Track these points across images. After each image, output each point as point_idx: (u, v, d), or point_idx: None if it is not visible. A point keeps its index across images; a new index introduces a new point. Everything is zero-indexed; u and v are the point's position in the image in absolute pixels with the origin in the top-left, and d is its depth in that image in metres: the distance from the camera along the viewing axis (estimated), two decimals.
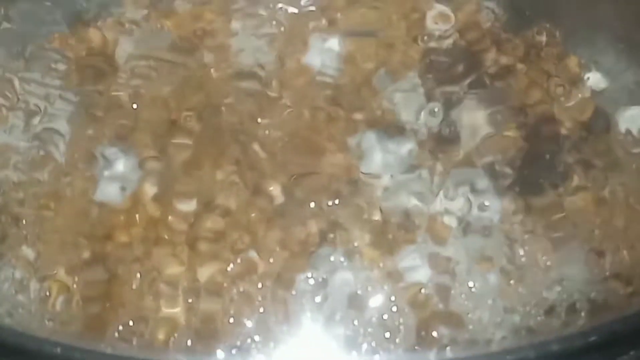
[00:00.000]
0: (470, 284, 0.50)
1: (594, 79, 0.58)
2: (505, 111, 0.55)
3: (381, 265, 0.50)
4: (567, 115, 0.56)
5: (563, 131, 0.55)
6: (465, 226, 0.52)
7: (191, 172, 0.53)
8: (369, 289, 0.49)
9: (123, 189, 0.52)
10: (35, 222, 0.51)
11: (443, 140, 0.54)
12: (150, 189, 0.52)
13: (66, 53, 0.57)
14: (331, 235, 0.51)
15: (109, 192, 0.52)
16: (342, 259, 0.50)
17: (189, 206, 0.51)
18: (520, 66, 0.56)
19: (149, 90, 0.55)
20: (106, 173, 0.52)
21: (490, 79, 0.56)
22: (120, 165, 0.52)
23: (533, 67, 0.56)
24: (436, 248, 0.51)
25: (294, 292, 0.49)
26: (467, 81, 0.56)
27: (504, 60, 0.57)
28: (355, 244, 0.51)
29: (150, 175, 0.52)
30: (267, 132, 0.54)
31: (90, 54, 0.57)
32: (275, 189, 0.52)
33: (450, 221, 0.52)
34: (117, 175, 0.52)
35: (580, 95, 0.57)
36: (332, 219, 0.51)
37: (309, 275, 0.50)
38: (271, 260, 0.50)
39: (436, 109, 0.55)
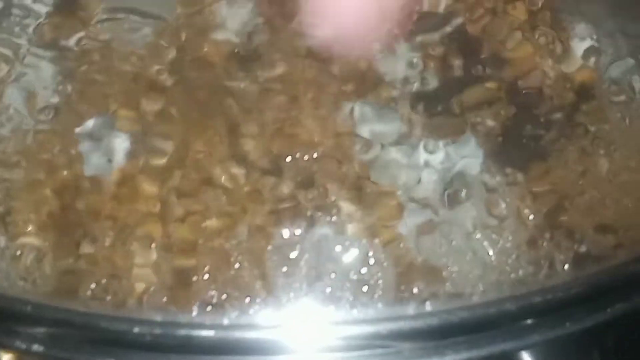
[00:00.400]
0: (451, 237, 0.49)
1: (580, 29, 0.56)
2: (487, 61, 0.54)
3: (359, 219, 0.49)
4: (551, 66, 0.54)
5: (547, 82, 0.54)
6: (446, 179, 0.51)
7: (165, 128, 0.51)
8: (347, 243, 0.49)
9: (96, 142, 0.51)
10: (5, 180, 0.50)
11: (422, 92, 0.53)
12: (122, 144, 0.51)
13: (34, 7, 0.55)
14: (308, 190, 0.50)
15: (83, 147, 0.51)
16: (319, 213, 0.49)
17: (162, 162, 0.50)
18: (501, 14, 0.55)
19: (120, 45, 0.54)
20: (77, 130, 0.51)
21: (472, 28, 0.55)
22: (91, 121, 0.51)
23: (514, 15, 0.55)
24: (415, 202, 0.50)
25: (270, 247, 0.48)
26: (448, 30, 0.55)
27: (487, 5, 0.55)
28: (333, 199, 0.50)
29: (122, 131, 0.51)
30: (242, 85, 0.53)
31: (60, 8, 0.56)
32: (251, 143, 0.51)
33: (431, 174, 0.51)
34: (89, 131, 0.51)
35: (564, 46, 0.55)
36: (309, 173, 0.50)
37: (285, 230, 0.49)
38: (247, 215, 0.49)
39: (415, 60, 0.54)
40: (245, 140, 0.51)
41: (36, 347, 0.46)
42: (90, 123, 0.51)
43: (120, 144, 0.50)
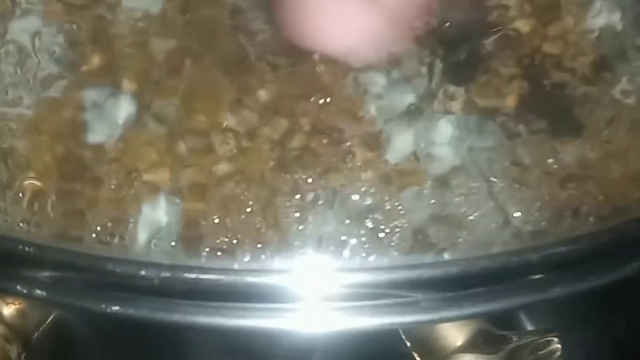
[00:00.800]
0: (472, 184, 0.47)
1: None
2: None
3: (375, 165, 0.47)
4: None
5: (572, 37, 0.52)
6: (466, 125, 0.49)
7: (173, 68, 0.49)
8: (362, 190, 0.47)
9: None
10: (7, 119, 0.48)
11: (443, 37, 0.51)
12: (129, 86, 0.49)
13: None
14: (322, 135, 0.48)
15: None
16: (333, 159, 0.47)
17: (170, 103, 0.48)
18: None
19: None
20: (84, 68, 0.49)
21: None
22: (96, 58, 0.49)
23: None
24: (434, 148, 0.48)
25: (282, 193, 0.46)
26: None
27: None
28: (348, 144, 0.48)
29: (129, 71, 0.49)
30: (255, 26, 0.50)
31: None
32: (262, 87, 0.49)
33: (450, 120, 0.49)
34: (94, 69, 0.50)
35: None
36: (323, 118, 0.48)
37: (299, 175, 0.47)
38: (258, 159, 0.47)
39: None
40: (258, 84, 0.49)
41: (38, 292, 0.44)
42: (95, 60, 0.49)
43: (128, 85, 0.49)
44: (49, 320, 0.53)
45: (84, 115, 0.49)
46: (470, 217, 0.46)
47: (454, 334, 0.49)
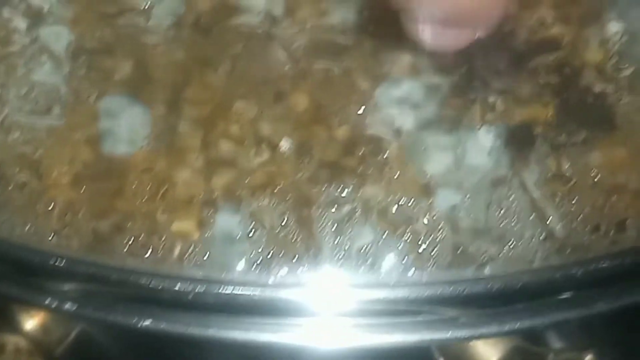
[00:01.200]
0: (511, 197, 0.46)
1: None
2: None
3: (413, 177, 0.46)
4: None
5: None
6: (506, 135, 0.47)
7: (205, 75, 0.48)
8: (401, 202, 0.46)
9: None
10: (37, 128, 0.47)
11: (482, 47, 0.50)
12: (161, 95, 0.48)
13: None
14: (359, 145, 0.47)
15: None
16: (370, 170, 0.46)
17: (202, 111, 0.47)
18: None
19: None
20: (116, 77, 0.48)
21: None
22: (127, 66, 0.49)
23: None
24: (473, 159, 0.47)
25: (318, 205, 0.45)
26: None
27: None
28: (385, 155, 0.47)
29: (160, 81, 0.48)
30: (288, 32, 0.49)
31: None
32: (298, 95, 0.48)
33: (490, 130, 0.47)
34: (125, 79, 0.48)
35: None
36: (360, 127, 0.47)
37: (335, 187, 0.46)
38: (293, 170, 0.46)
39: None
40: (291, 94, 0.48)
41: (68, 306, 0.43)
42: (125, 67, 0.48)
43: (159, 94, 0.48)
44: (73, 334, 0.52)
45: (114, 125, 0.48)
46: (511, 231, 0.45)
47: (489, 351, 0.48)
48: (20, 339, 0.50)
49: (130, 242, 0.44)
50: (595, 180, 0.46)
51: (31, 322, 0.50)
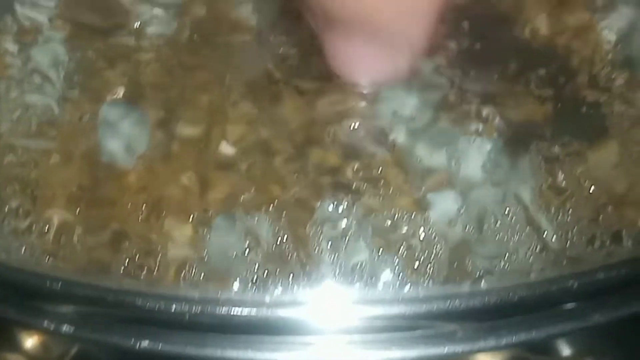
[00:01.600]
0: (506, 210, 0.46)
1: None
2: None
3: (408, 191, 0.46)
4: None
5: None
6: (500, 147, 0.47)
7: (198, 94, 0.48)
8: (395, 217, 0.46)
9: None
10: (32, 151, 0.47)
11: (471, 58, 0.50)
12: (155, 114, 0.48)
13: None
14: (353, 160, 0.47)
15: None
16: (364, 185, 0.46)
17: (196, 131, 0.47)
18: None
19: None
20: (109, 97, 0.49)
21: None
22: (122, 89, 0.49)
23: None
24: (468, 172, 0.47)
25: (313, 221, 0.45)
26: None
27: None
28: (379, 170, 0.47)
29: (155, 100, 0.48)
30: (281, 50, 0.49)
31: None
32: (290, 111, 0.48)
33: (484, 143, 0.47)
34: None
35: None
36: (353, 143, 0.47)
37: (330, 203, 0.46)
38: (288, 187, 0.46)
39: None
40: (286, 110, 0.48)
41: (66, 328, 0.43)
42: (120, 91, 0.48)
43: (155, 113, 0.48)
44: (72, 352, 0.52)
45: (108, 143, 0.48)
46: (507, 244, 0.45)
47: None
48: (20, 358, 0.50)
49: (126, 263, 0.44)
50: (590, 191, 0.47)
51: (31, 341, 0.50)
